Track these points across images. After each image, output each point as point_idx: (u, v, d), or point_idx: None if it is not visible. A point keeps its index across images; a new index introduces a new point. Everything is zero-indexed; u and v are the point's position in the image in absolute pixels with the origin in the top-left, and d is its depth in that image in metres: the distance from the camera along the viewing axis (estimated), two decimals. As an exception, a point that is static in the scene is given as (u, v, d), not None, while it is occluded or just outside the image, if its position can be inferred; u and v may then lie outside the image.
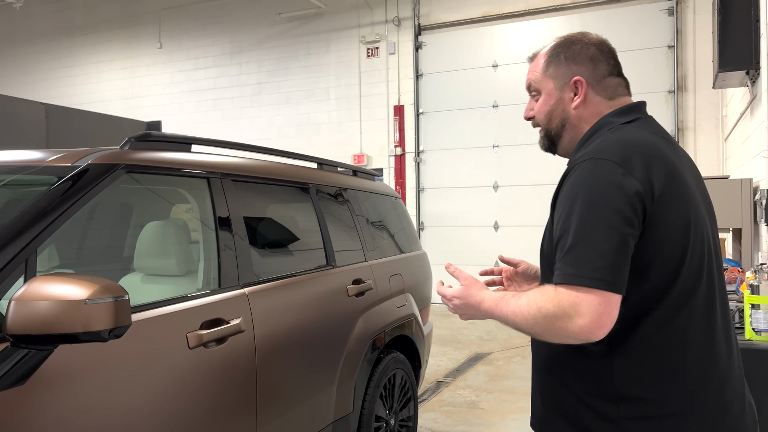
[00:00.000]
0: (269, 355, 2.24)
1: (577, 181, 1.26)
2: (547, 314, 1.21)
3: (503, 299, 1.35)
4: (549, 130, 1.51)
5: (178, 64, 12.12)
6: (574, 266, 1.20)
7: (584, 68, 1.44)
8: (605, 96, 1.44)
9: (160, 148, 2.22)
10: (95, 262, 3.00)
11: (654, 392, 1.26)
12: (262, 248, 2.47)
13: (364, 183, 3.61)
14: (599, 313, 1.17)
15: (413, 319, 3.52)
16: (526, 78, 1.54)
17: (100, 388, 1.60)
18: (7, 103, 5.07)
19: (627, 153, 1.27)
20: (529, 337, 1.41)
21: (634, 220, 1.21)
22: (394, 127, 10.16)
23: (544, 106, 1.49)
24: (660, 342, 1.26)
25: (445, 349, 6.66)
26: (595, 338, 1.19)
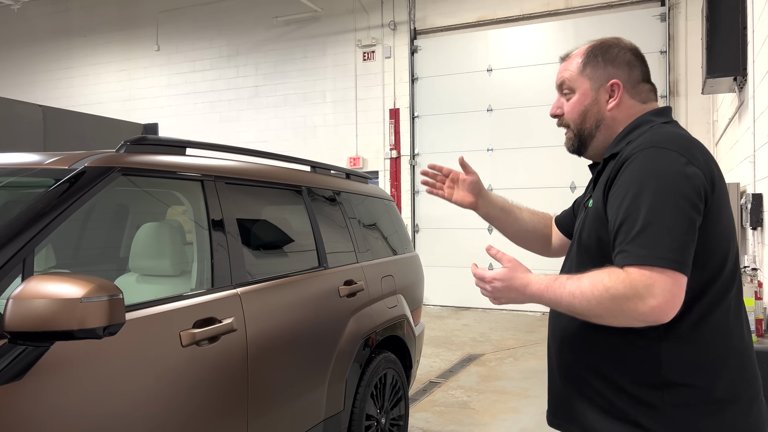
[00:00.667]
0: (261, 353, 2.30)
1: (641, 167, 1.28)
2: (615, 294, 1.21)
3: (557, 281, 1.34)
4: (582, 129, 1.51)
5: (176, 66, 12.17)
6: (648, 248, 1.22)
7: (621, 72, 1.47)
8: (639, 100, 1.48)
9: (155, 152, 2.28)
10: (92, 263, 3.05)
11: (702, 379, 1.29)
12: (254, 249, 2.53)
13: (356, 186, 3.67)
14: (673, 294, 1.20)
15: (404, 320, 3.58)
16: (558, 76, 1.55)
17: (95, 384, 1.65)
18: (4, 105, 5.12)
19: (686, 145, 1.31)
20: (548, 329, 1.48)
21: (700, 206, 1.26)
22: (389, 130, 10.23)
23: (578, 106, 1.51)
24: (709, 329, 1.30)
25: (438, 351, 6.72)
26: (665, 319, 1.21)
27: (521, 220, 1.88)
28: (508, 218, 1.87)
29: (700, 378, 1.29)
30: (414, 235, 10.17)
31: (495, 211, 1.87)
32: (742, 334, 1.35)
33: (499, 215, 1.87)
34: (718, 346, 1.30)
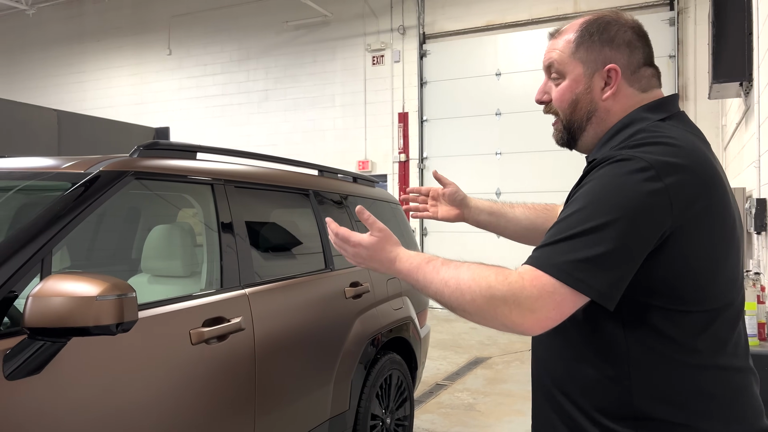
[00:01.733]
0: (268, 352, 2.36)
1: (597, 179, 1.11)
2: (495, 295, 1.09)
3: (430, 263, 1.22)
4: (571, 121, 1.31)
5: (187, 70, 12.32)
6: (558, 255, 1.07)
7: (620, 55, 1.25)
8: (639, 88, 1.26)
9: (167, 156, 2.35)
10: (105, 264, 3.14)
11: (684, 415, 1.12)
12: (262, 251, 2.59)
13: (363, 189, 3.73)
14: (552, 315, 1.07)
15: (410, 322, 3.63)
16: (546, 56, 1.34)
17: (109, 379, 1.72)
18: (20, 110, 5.24)
19: (665, 155, 1.10)
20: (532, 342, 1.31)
21: (649, 230, 1.07)
22: (398, 133, 10.30)
23: (568, 93, 1.29)
24: (702, 363, 1.13)
25: (445, 353, 6.76)
26: (528, 334, 1.11)
27: (515, 220, 1.77)
28: (500, 221, 1.78)
29: (681, 414, 1.11)
30: (422, 238, 10.22)
31: (484, 217, 1.79)
32: (742, 366, 1.17)
33: (490, 220, 1.79)
34: (708, 381, 1.12)
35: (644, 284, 1.10)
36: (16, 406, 1.48)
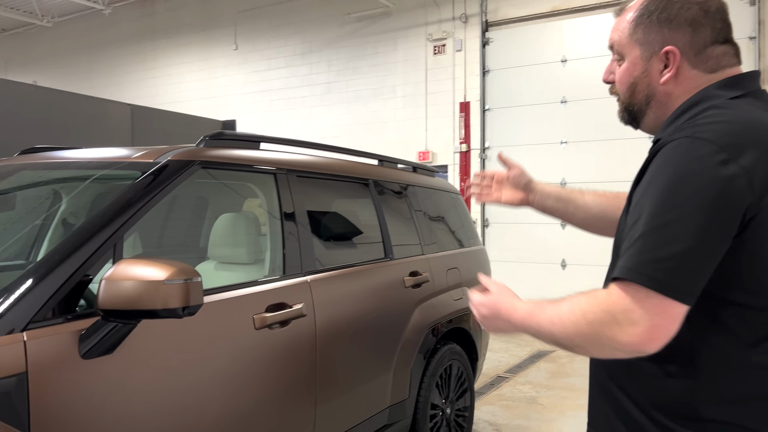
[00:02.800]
0: (329, 338, 2.40)
1: (663, 162, 1.05)
2: (593, 320, 1.03)
3: (539, 306, 1.16)
4: (631, 104, 1.26)
5: (252, 64, 12.59)
6: (636, 258, 1.01)
7: (680, 35, 1.17)
8: (704, 69, 1.17)
9: (232, 146, 2.41)
10: (173, 251, 3.26)
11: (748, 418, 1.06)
12: (323, 239, 2.63)
13: (423, 179, 3.71)
14: (655, 324, 0.99)
15: (470, 313, 3.60)
16: (609, 36, 1.30)
17: (176, 361, 1.79)
18: (96, 104, 5.50)
19: (734, 135, 1.03)
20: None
21: (729, 219, 1.00)
22: (459, 123, 10.19)
23: (627, 76, 1.25)
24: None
25: (507, 346, 6.67)
26: (648, 351, 1.02)
27: (585, 207, 1.67)
28: (568, 207, 1.68)
29: (742, 415, 1.05)
30: (484, 229, 10.10)
31: (551, 202, 1.70)
32: None
33: (557, 206, 1.70)
34: None
35: (723, 277, 1.03)
36: (90, 384, 1.56)
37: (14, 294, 1.50)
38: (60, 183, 2.23)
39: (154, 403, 1.71)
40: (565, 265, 9.32)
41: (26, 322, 1.48)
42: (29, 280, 1.54)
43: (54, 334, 1.52)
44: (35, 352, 1.46)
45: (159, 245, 3.30)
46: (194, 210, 3.20)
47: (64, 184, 2.19)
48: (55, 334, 1.52)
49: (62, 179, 2.23)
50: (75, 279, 1.61)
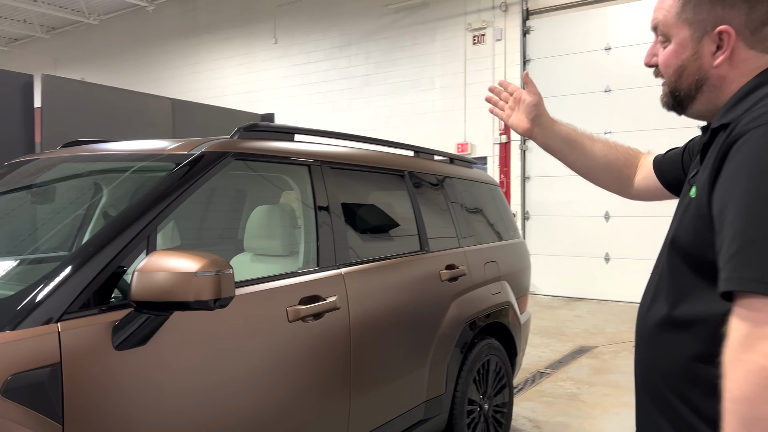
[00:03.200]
0: (363, 332, 2.37)
1: (758, 153, 0.93)
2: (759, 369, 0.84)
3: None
4: (677, 89, 1.17)
5: (292, 58, 12.67)
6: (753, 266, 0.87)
7: (734, 13, 1.08)
8: (762, 49, 1.09)
9: (266, 138, 2.40)
10: (210, 243, 3.28)
11: None
12: (358, 232, 2.60)
13: (460, 170, 3.64)
14: None
15: (509, 307, 3.52)
16: (652, 16, 1.21)
17: (209, 352, 1.79)
18: (138, 99, 5.60)
19: None
20: None
21: None
22: (499, 114, 10.03)
23: (674, 59, 1.16)
24: None
25: (548, 341, 6.54)
26: None
27: (591, 154, 1.59)
28: (573, 152, 1.60)
29: None
30: (524, 222, 9.94)
31: (556, 143, 1.61)
32: None
33: (562, 147, 1.61)
34: None
35: None
36: (123, 375, 1.57)
37: (49, 285, 1.51)
38: (97, 175, 2.26)
39: (186, 395, 1.71)
40: (609, 258, 9.09)
41: (61, 313, 1.49)
42: (64, 272, 1.55)
43: (88, 325, 1.52)
44: (69, 343, 1.47)
45: (198, 237, 3.33)
46: (232, 202, 3.21)
47: (101, 177, 2.21)
48: (89, 325, 1.53)
49: (99, 171, 2.26)
50: (108, 270, 1.62)
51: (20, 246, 1.92)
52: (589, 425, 4.07)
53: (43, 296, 1.49)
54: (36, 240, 1.91)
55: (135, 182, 2.07)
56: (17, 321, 1.42)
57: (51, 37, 17.11)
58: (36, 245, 1.87)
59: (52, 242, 2.09)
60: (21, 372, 1.36)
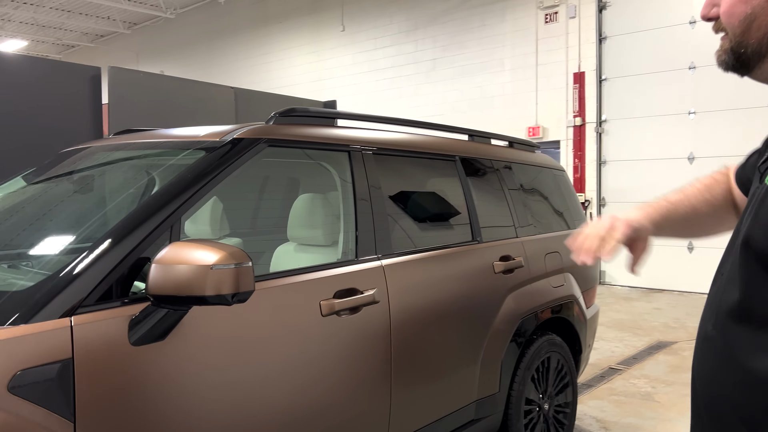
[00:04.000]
0: (405, 327, 2.23)
1: None
2: None
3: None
4: (743, 43, 0.97)
5: (359, 45, 12.60)
6: None
7: None
8: None
9: (304, 123, 2.29)
10: (261, 232, 3.24)
11: None
12: (402, 221, 2.45)
13: (521, 155, 3.42)
14: None
15: (573, 301, 3.29)
16: None
17: (233, 348, 1.71)
18: (201, 88, 5.68)
19: None
20: None
21: None
22: (573, 96, 9.55)
23: (740, 6, 0.96)
24: None
25: (622, 335, 6.18)
26: None
27: (699, 218, 1.31)
28: (684, 230, 1.33)
29: None
30: (600, 209, 9.45)
31: (665, 234, 1.31)
32: None
33: (671, 234, 1.32)
34: None
35: None
36: (140, 372, 1.51)
37: (64, 277, 1.47)
38: (129, 164, 2.23)
39: (208, 393, 1.64)
40: (693, 247, 8.49)
41: (75, 306, 1.44)
42: (80, 263, 1.51)
43: (103, 319, 1.47)
44: (82, 338, 1.42)
45: (246, 226, 3.30)
46: (275, 190, 3.15)
47: (132, 165, 2.18)
48: (104, 319, 1.47)
49: (131, 159, 2.23)
50: (127, 263, 1.56)
51: (53, 236, 1.90)
52: (663, 428, 3.77)
53: (57, 289, 1.44)
54: (64, 229, 1.90)
55: (165, 171, 2.02)
56: (30, 315, 1.38)
57: (132, 32, 17.86)
58: (64, 235, 1.86)
59: (77, 232, 2.08)
60: (29, 368, 1.32)
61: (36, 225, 1.94)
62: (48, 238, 1.88)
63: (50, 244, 1.84)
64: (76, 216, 1.84)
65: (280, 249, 2.56)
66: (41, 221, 1.94)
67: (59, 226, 1.88)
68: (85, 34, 18.68)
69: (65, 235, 1.85)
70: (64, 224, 1.85)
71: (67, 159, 2.38)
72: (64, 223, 1.86)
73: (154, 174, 1.95)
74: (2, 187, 2.31)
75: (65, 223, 1.86)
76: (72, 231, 1.84)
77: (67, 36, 18.62)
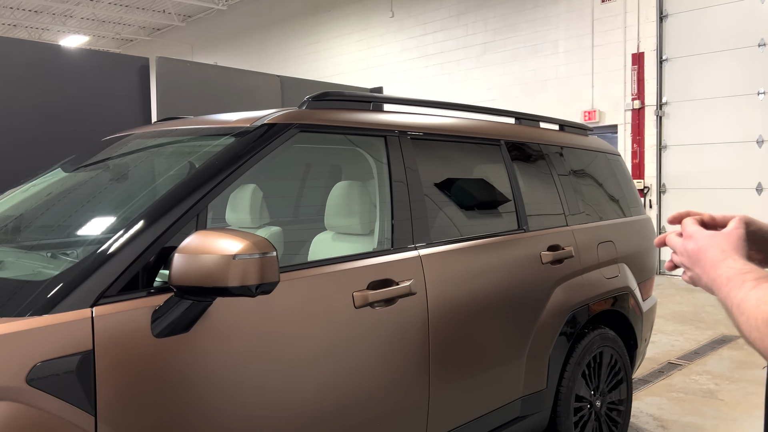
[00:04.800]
0: (444, 320, 2.13)
1: None
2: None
3: (740, 275, 0.88)
4: None
5: (408, 31, 12.43)
6: None
7: None
8: None
9: (339, 107, 2.21)
10: (301, 220, 3.19)
11: None
12: (441, 209, 2.34)
13: (572, 138, 3.24)
14: None
15: (628, 293, 3.10)
16: None
17: (261, 341, 1.65)
18: (247, 77, 5.68)
19: None
20: None
21: None
22: (631, 77, 9.13)
23: None
24: None
25: (683, 328, 5.87)
26: None
27: None
28: None
29: None
30: (660, 196, 9.04)
31: None
32: None
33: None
34: None
35: None
36: (164, 365, 1.46)
37: (87, 267, 1.44)
38: (161, 150, 2.20)
39: (234, 387, 1.58)
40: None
41: (96, 297, 1.41)
42: (103, 253, 1.47)
43: (126, 310, 1.43)
44: (103, 329, 1.38)
45: (291, 215, 3.25)
46: (321, 178, 3.09)
47: (163, 152, 2.15)
48: (127, 310, 1.43)
49: (161, 146, 2.20)
50: (151, 252, 1.52)
51: (83, 224, 1.89)
52: (726, 428, 3.54)
53: (79, 279, 1.41)
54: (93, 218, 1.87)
55: (195, 157, 1.97)
56: (51, 305, 1.35)
57: (187, 24, 18.22)
58: (91, 224, 1.84)
59: (104, 221, 2.06)
60: (49, 360, 1.29)
61: (70, 213, 1.93)
62: (78, 226, 1.86)
63: (80, 232, 1.82)
64: (106, 204, 1.82)
65: (317, 238, 2.49)
66: (76, 209, 1.93)
67: (89, 214, 1.86)
68: (143, 28, 19.18)
69: (92, 224, 1.83)
70: (93, 213, 1.84)
71: (106, 147, 2.37)
72: (94, 212, 1.85)
73: (184, 161, 1.90)
74: (43, 175, 2.32)
75: (94, 212, 1.84)
76: (100, 220, 1.82)
77: (126, 30, 19.17)
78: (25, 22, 17.36)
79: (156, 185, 1.78)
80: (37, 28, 18.21)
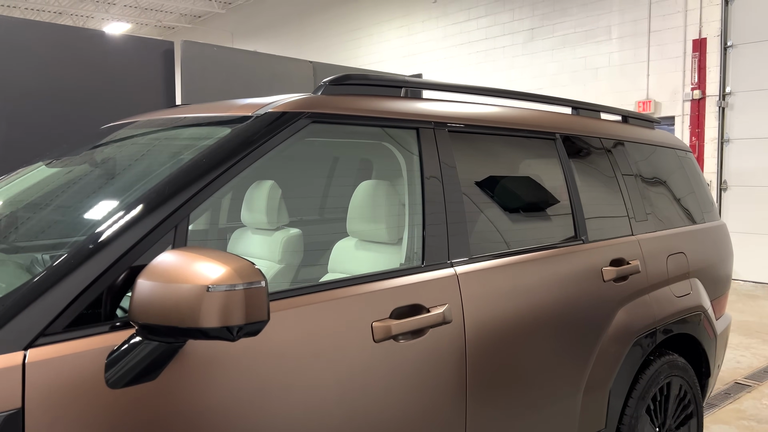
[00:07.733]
0: (485, 354, 1.75)
1: None
2: None
3: None
4: None
5: (451, 16, 11.95)
6: None
7: None
8: None
9: (363, 93, 1.84)
10: (319, 223, 2.84)
11: None
12: (483, 217, 1.95)
13: (637, 132, 2.80)
14: None
15: (700, 313, 2.66)
16: None
17: (254, 385, 1.31)
18: (278, 63, 5.36)
19: None
20: None
21: None
22: (691, 65, 8.47)
23: None
24: None
25: (749, 341, 5.33)
26: None
27: None
28: None
29: None
30: (720, 194, 8.38)
31: None
32: None
33: None
34: None
35: None
36: (120, 424, 1.13)
37: (22, 295, 1.11)
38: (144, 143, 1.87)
39: (215, 447, 1.24)
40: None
41: (34, 336, 1.08)
42: (49, 275, 1.15)
43: (72, 353, 1.11)
44: (38, 380, 1.06)
45: (312, 216, 2.91)
46: (344, 176, 2.73)
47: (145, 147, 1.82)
48: (73, 353, 1.11)
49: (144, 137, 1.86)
50: (114, 274, 1.19)
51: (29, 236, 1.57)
52: (811, 470, 3.06)
53: (11, 312, 1.09)
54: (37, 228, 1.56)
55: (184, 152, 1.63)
56: (-30, 347, 1.03)
57: (227, 12, 18.07)
58: (36, 236, 1.52)
59: (53, 232, 1.75)
60: (-44, 424, 0.98)
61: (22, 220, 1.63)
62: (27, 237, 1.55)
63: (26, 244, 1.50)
64: (63, 211, 1.51)
65: (339, 245, 2.14)
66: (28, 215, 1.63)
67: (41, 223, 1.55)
68: (183, 15, 19.14)
69: (43, 236, 1.51)
70: (46, 221, 1.53)
71: (99, 138, 2.07)
72: (47, 220, 1.54)
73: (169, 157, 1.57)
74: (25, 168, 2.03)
75: (48, 220, 1.53)
76: (52, 230, 1.50)
77: (167, 18, 19.17)
78: (70, 9, 17.51)
79: (130, 187, 1.45)
80: (82, 16, 18.37)
